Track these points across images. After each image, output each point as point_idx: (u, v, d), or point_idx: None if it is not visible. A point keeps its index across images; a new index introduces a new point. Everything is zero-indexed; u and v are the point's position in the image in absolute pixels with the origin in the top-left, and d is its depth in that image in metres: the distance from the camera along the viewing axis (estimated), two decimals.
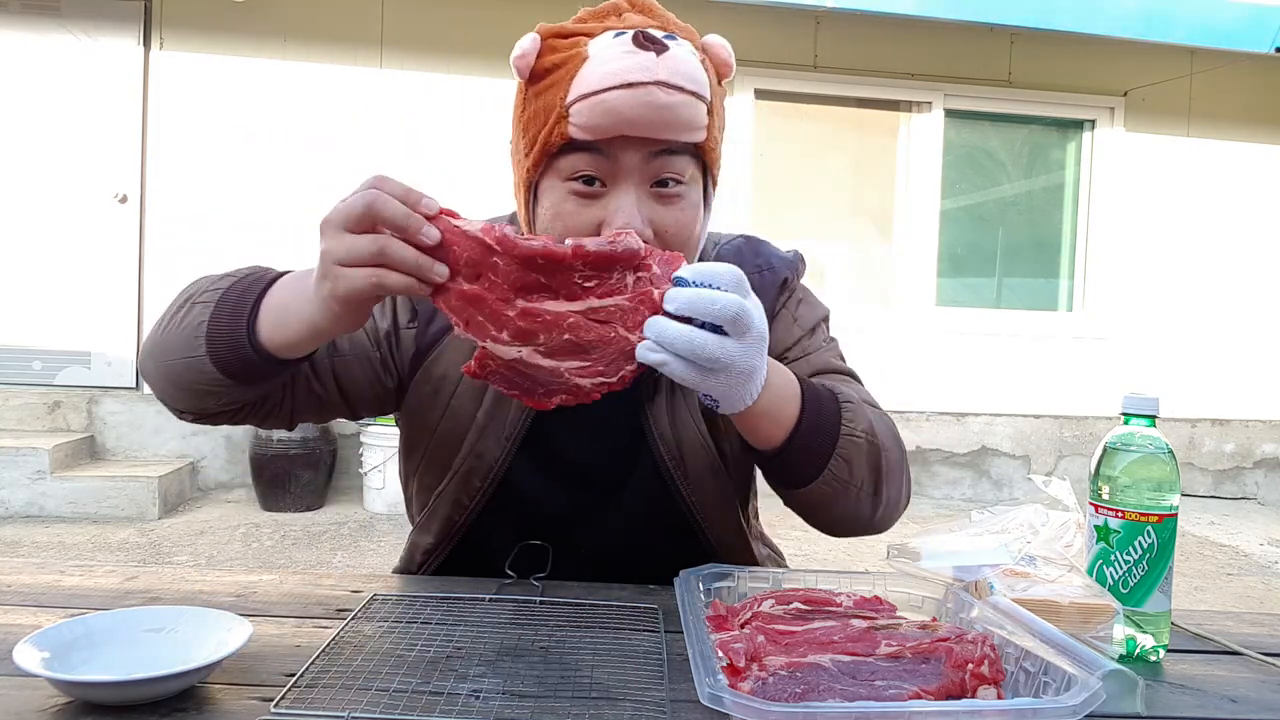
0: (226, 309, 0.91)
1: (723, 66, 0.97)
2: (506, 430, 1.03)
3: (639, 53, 0.87)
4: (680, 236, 0.93)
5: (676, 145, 0.90)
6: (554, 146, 0.90)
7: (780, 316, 1.09)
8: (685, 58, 0.89)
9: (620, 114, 0.87)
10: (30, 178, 4.74)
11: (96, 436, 4.77)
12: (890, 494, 0.96)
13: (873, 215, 5.65)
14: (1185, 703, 0.76)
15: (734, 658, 0.70)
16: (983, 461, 5.51)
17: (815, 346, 1.09)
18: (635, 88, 0.86)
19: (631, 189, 0.90)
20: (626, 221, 0.89)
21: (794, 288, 1.12)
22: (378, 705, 0.67)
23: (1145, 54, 5.44)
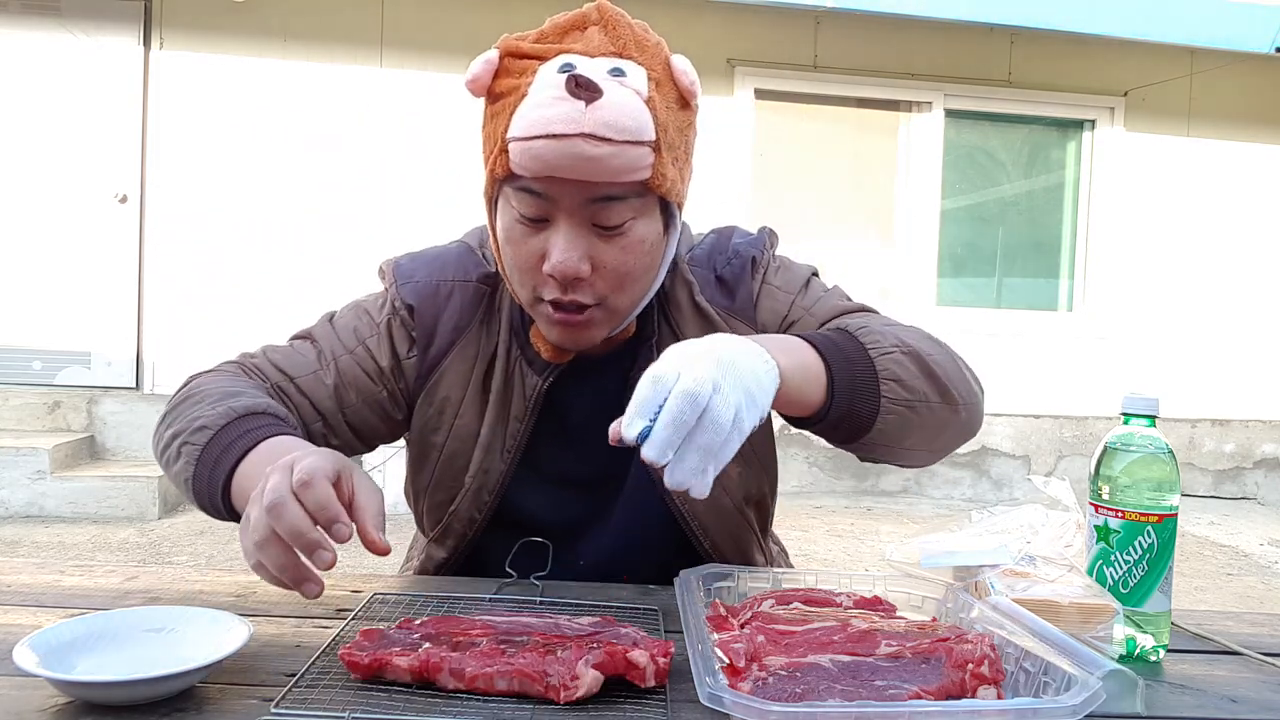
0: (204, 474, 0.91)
1: (685, 92, 0.97)
2: (506, 444, 1.05)
3: (568, 100, 0.86)
4: (619, 273, 0.94)
5: (617, 188, 0.90)
6: (500, 176, 0.92)
7: (763, 293, 1.08)
8: (619, 105, 0.87)
9: (546, 161, 0.87)
10: (30, 178, 4.75)
11: (96, 436, 4.77)
12: (961, 390, 0.93)
13: (873, 215, 5.65)
14: (1185, 703, 0.76)
15: (734, 658, 0.70)
16: (983, 461, 5.51)
17: (813, 300, 1.08)
18: (560, 139, 0.86)
19: (572, 226, 0.91)
20: (560, 259, 0.90)
21: (765, 263, 1.11)
22: (378, 705, 0.67)
23: (1145, 54, 5.44)
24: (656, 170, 0.91)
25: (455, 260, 1.10)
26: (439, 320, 1.06)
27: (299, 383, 1.05)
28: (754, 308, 1.07)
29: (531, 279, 0.95)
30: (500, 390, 1.06)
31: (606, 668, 0.69)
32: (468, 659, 0.70)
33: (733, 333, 1.00)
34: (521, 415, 1.05)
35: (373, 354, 1.06)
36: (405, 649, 0.72)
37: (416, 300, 1.07)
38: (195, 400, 0.97)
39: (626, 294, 0.97)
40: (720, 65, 5.24)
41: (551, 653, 0.71)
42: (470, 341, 1.07)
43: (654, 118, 0.90)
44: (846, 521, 4.81)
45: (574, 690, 0.67)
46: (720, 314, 1.06)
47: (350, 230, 4.90)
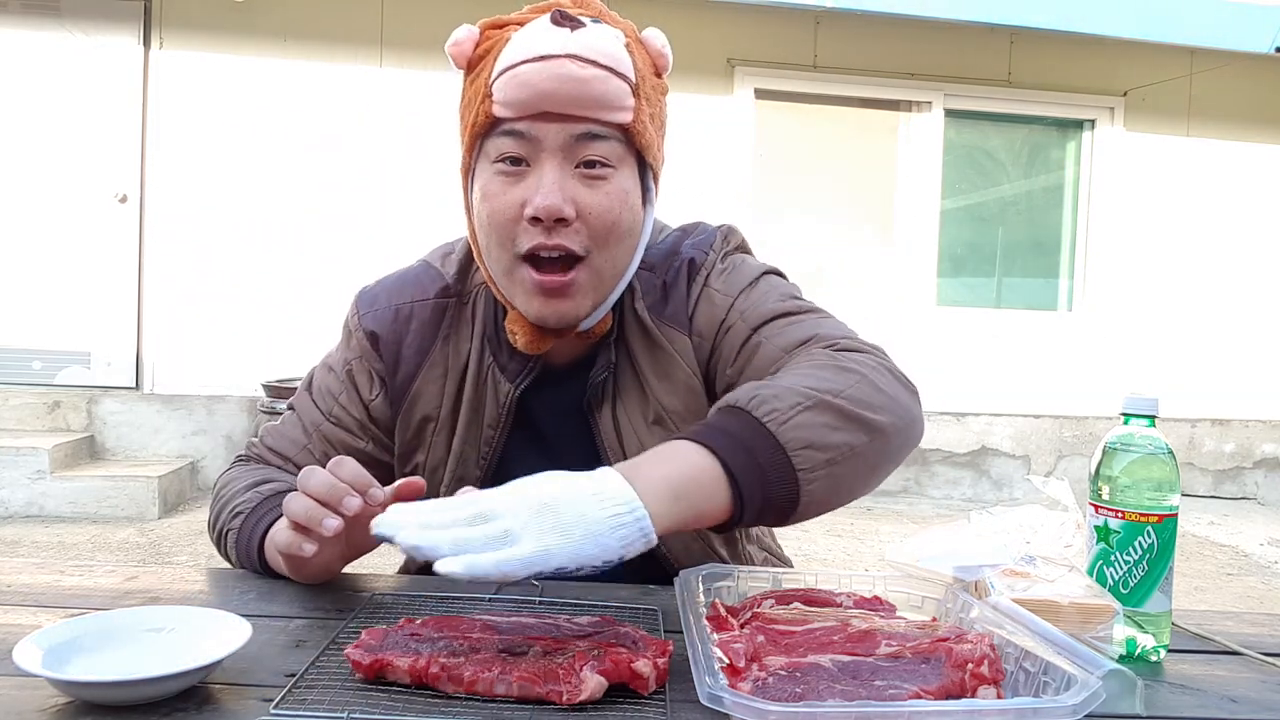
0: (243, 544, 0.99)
1: (658, 58, 0.98)
2: (481, 452, 1.06)
3: (553, 29, 0.90)
4: (604, 220, 0.94)
5: (600, 126, 0.92)
6: (481, 128, 0.93)
7: (702, 298, 1.04)
8: (602, 35, 0.91)
9: (534, 86, 0.89)
10: (30, 177, 4.75)
11: (96, 436, 4.77)
12: (885, 415, 0.84)
13: (873, 215, 5.65)
14: (1185, 703, 0.76)
15: (734, 658, 0.70)
16: (983, 461, 5.51)
17: (752, 302, 1.02)
18: (547, 60, 0.88)
19: (554, 168, 0.91)
20: (543, 198, 0.90)
21: (709, 265, 1.05)
22: (378, 705, 0.67)
23: (1145, 54, 5.44)
24: (637, 116, 0.93)
25: (414, 280, 1.11)
26: (402, 344, 1.07)
27: (295, 461, 1.08)
28: (689, 316, 1.04)
29: (511, 232, 0.93)
30: (472, 399, 1.06)
31: (610, 675, 0.69)
32: (467, 666, 0.70)
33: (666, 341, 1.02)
34: (495, 423, 1.05)
35: (348, 410, 1.09)
36: (406, 651, 0.72)
37: (378, 326, 1.08)
38: (228, 497, 1.05)
39: (610, 251, 0.96)
40: (720, 65, 5.24)
41: (551, 663, 0.71)
42: (437, 360, 1.07)
43: (633, 62, 0.93)
44: (846, 521, 4.81)
45: (576, 694, 0.67)
46: (655, 321, 1.04)
47: (350, 230, 4.90)
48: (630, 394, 1.04)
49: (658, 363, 1.04)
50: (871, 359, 0.90)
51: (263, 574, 0.98)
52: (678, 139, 5.65)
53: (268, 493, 1.00)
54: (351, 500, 0.80)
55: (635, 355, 1.04)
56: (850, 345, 0.93)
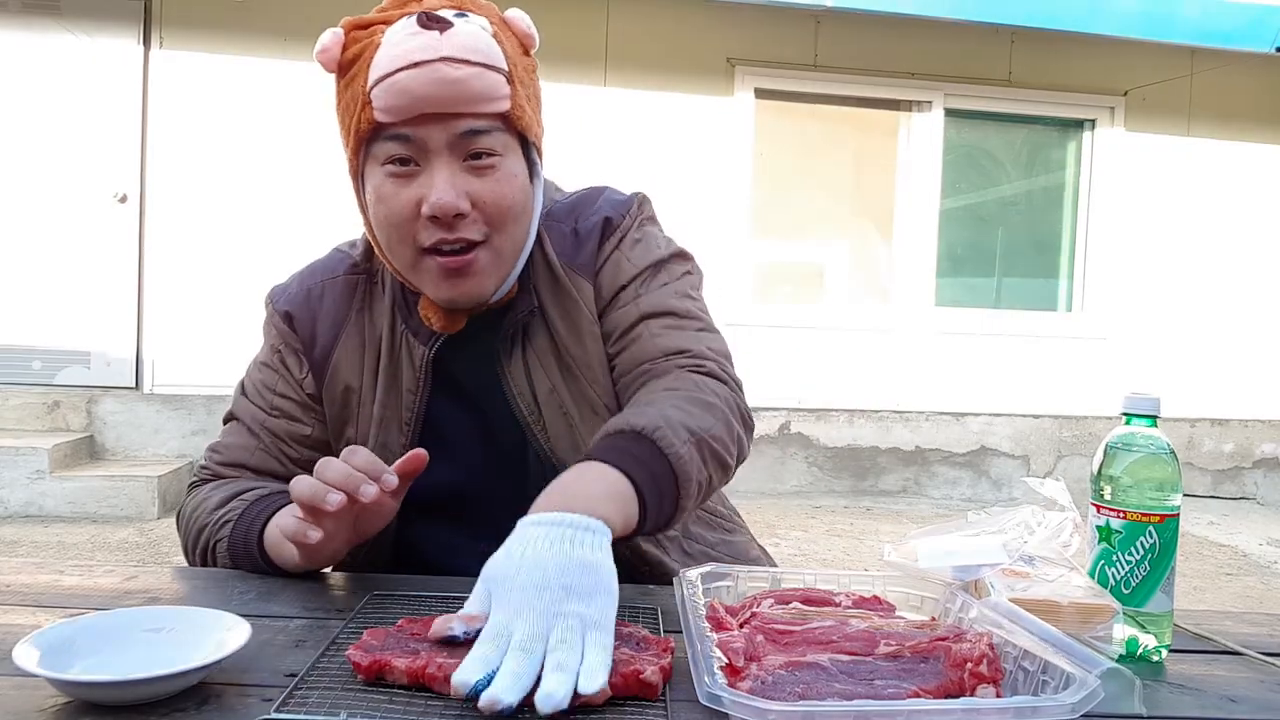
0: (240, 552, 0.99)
1: (524, 38, 1.00)
2: (403, 417, 1.07)
3: (423, 33, 0.91)
4: (499, 207, 0.97)
5: (481, 120, 0.94)
6: (365, 133, 0.95)
7: (611, 259, 1.08)
8: (471, 32, 0.92)
9: (412, 93, 0.91)
10: (30, 177, 4.74)
11: (96, 436, 4.77)
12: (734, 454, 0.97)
13: (872, 215, 5.66)
14: (1185, 702, 0.76)
15: (733, 657, 0.70)
16: (982, 461, 5.51)
17: (651, 288, 1.07)
18: (422, 66, 0.90)
19: (444, 165, 0.94)
20: (439, 197, 0.92)
21: (623, 227, 1.09)
22: (378, 706, 0.67)
23: (1145, 54, 5.44)
24: (515, 102, 0.96)
25: (322, 265, 1.16)
26: (316, 320, 1.10)
27: (251, 465, 1.09)
28: (595, 270, 1.08)
29: (410, 230, 0.96)
30: (388, 365, 1.07)
31: (619, 688, 0.69)
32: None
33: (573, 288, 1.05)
34: (414, 387, 1.06)
35: (286, 396, 1.10)
36: (405, 652, 0.72)
37: (291, 307, 1.11)
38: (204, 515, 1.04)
39: (508, 232, 0.99)
40: (720, 65, 5.24)
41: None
42: (353, 332, 1.10)
43: (503, 51, 0.95)
44: (846, 521, 4.81)
45: (577, 696, 0.67)
46: (564, 268, 1.07)
47: (350, 230, 4.88)
48: (539, 339, 1.07)
49: (565, 309, 1.07)
50: (729, 395, 0.99)
51: (263, 570, 0.98)
52: (678, 139, 5.64)
53: (253, 498, 1.01)
54: (368, 488, 0.83)
55: (544, 302, 1.07)
56: (714, 372, 1.00)
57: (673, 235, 1.16)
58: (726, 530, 1.22)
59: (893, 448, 5.42)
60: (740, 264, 5.28)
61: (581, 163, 4.34)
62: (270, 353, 1.13)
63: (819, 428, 5.36)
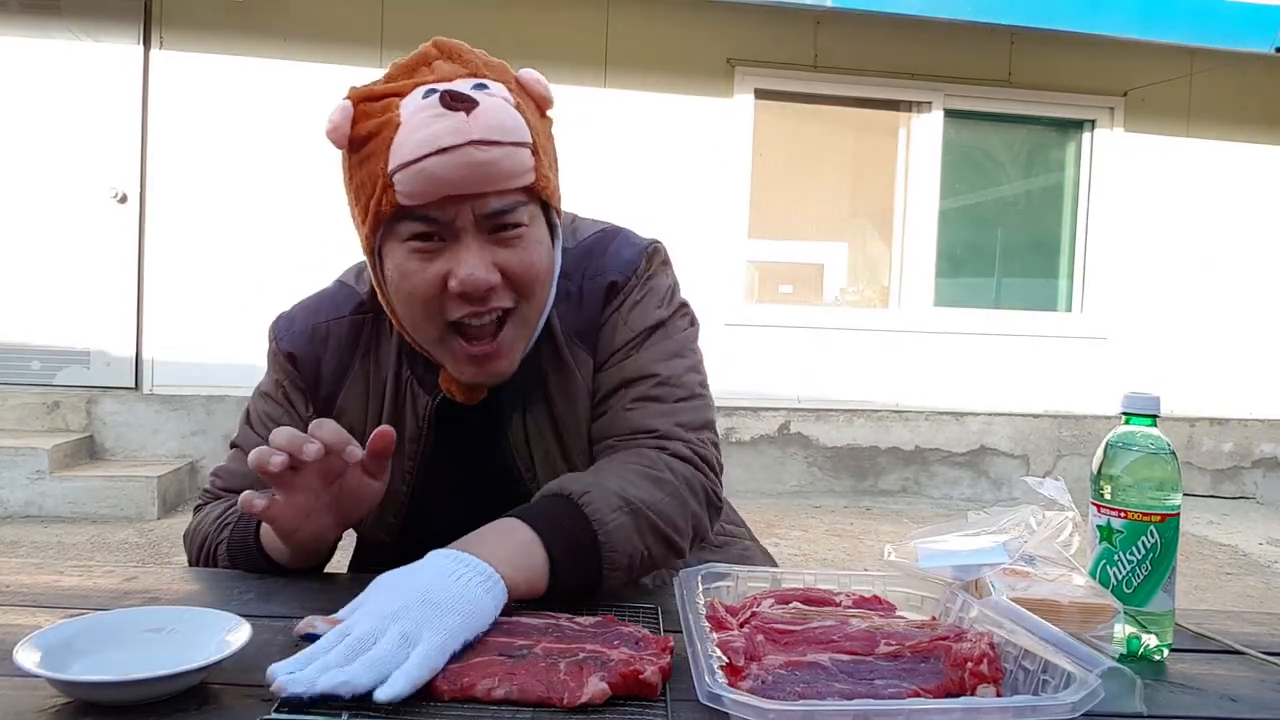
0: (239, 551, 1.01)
1: (541, 100, 0.98)
2: (405, 466, 1.06)
3: (448, 114, 0.88)
4: (528, 275, 0.96)
5: (507, 195, 0.92)
6: (386, 215, 0.92)
7: (610, 322, 1.06)
8: (496, 108, 0.90)
9: (441, 179, 0.88)
10: (30, 177, 4.74)
11: (95, 436, 4.76)
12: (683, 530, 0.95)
13: (872, 215, 5.66)
14: (1185, 702, 0.76)
15: (733, 657, 0.70)
16: (981, 461, 5.51)
17: (640, 352, 1.05)
18: (450, 151, 0.87)
19: (472, 240, 0.92)
20: (469, 272, 0.91)
21: (628, 290, 1.07)
22: (377, 707, 0.67)
23: (1145, 54, 5.44)
24: (539, 173, 0.94)
25: (329, 300, 1.13)
26: (321, 363, 1.08)
27: None
28: (595, 335, 1.06)
29: (437, 305, 0.94)
30: (392, 412, 1.06)
31: (619, 688, 0.69)
32: (466, 671, 0.70)
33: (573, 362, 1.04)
34: (416, 437, 1.05)
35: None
36: None
37: (295, 348, 1.09)
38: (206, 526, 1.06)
39: (535, 300, 0.99)
40: (720, 65, 5.24)
41: (555, 667, 0.71)
42: (358, 377, 1.08)
43: (526, 121, 0.92)
44: (846, 521, 4.81)
45: (576, 697, 0.67)
46: (567, 340, 1.06)
47: (350, 230, 4.88)
48: (536, 405, 1.06)
49: (563, 381, 1.06)
50: (690, 473, 0.97)
51: (263, 569, 0.98)
52: (678, 139, 5.63)
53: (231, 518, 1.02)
54: (310, 447, 0.83)
55: (545, 371, 1.06)
56: (679, 452, 0.99)
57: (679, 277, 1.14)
58: (728, 535, 1.22)
59: (892, 447, 5.42)
60: (740, 264, 5.28)
61: (581, 164, 4.34)
62: (274, 386, 1.12)
63: (818, 427, 5.36)
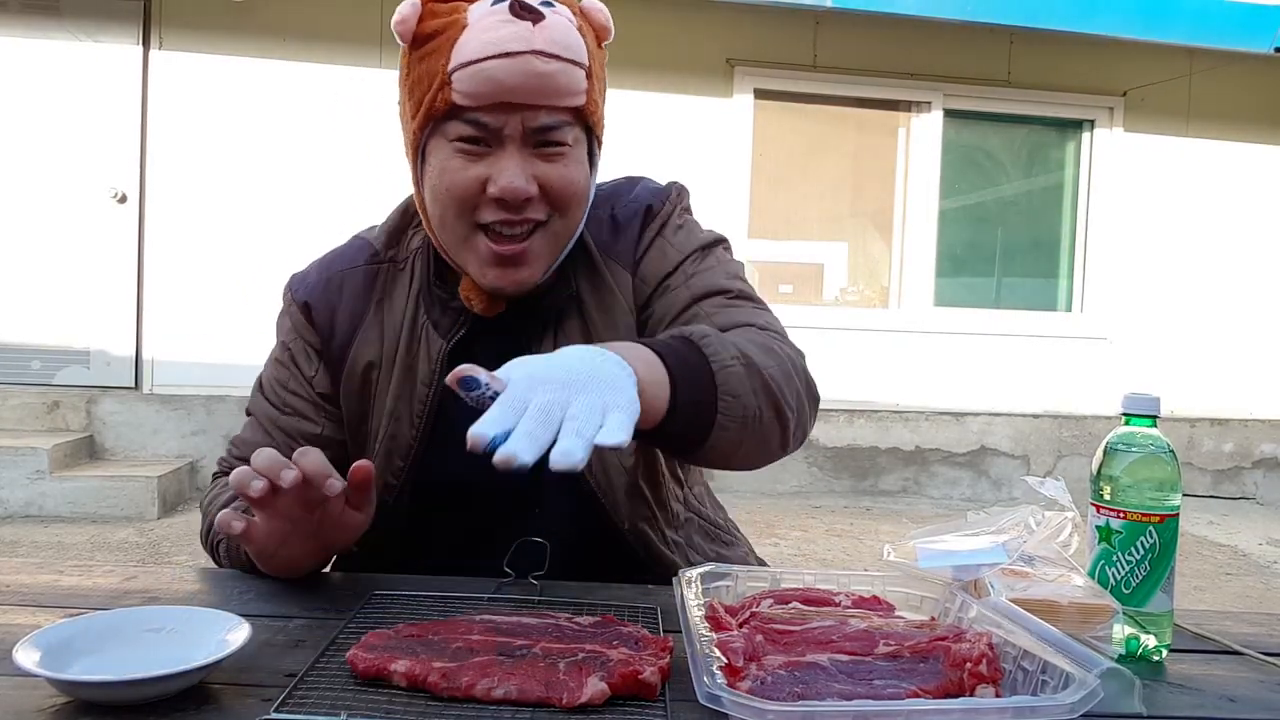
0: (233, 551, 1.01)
1: (601, 30, 1.00)
2: (415, 409, 1.05)
3: (515, 22, 0.90)
4: (566, 192, 0.97)
5: (556, 112, 0.94)
6: (439, 112, 0.94)
7: (654, 245, 1.08)
8: (561, 26, 0.92)
9: (499, 82, 0.91)
10: (30, 177, 4.74)
11: (95, 436, 4.76)
12: (792, 404, 0.91)
13: (872, 215, 5.66)
14: (1184, 702, 0.76)
15: (732, 657, 0.70)
16: (982, 461, 5.51)
17: (700, 270, 1.06)
18: (513, 57, 0.90)
19: (516, 150, 0.94)
20: (509, 180, 0.93)
21: (664, 214, 1.09)
22: (378, 706, 0.67)
23: (1144, 54, 5.44)
24: (590, 97, 0.96)
25: (341, 253, 1.14)
26: (336, 311, 1.09)
27: None
28: (637, 258, 1.07)
29: (471, 205, 0.96)
30: (405, 357, 1.06)
31: (618, 688, 0.69)
32: (465, 670, 0.70)
33: (610, 276, 1.05)
34: (428, 380, 1.05)
35: (297, 394, 1.10)
36: (405, 654, 0.72)
37: (310, 297, 1.10)
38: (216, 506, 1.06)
39: (569, 216, 1.00)
40: (720, 65, 5.24)
41: (554, 667, 0.71)
42: (372, 324, 1.08)
43: (585, 45, 0.95)
44: (845, 521, 4.81)
45: (576, 697, 0.67)
46: (603, 256, 1.07)
47: (350, 230, 4.88)
48: (570, 325, 1.06)
49: (601, 298, 1.06)
50: (797, 358, 0.97)
51: (254, 571, 0.98)
52: (677, 139, 5.63)
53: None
54: (288, 473, 0.82)
55: (580, 289, 1.06)
56: (778, 340, 0.98)
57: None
58: (724, 543, 1.22)
59: (892, 448, 5.42)
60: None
61: None
62: (282, 349, 1.13)
63: (818, 428, 5.35)
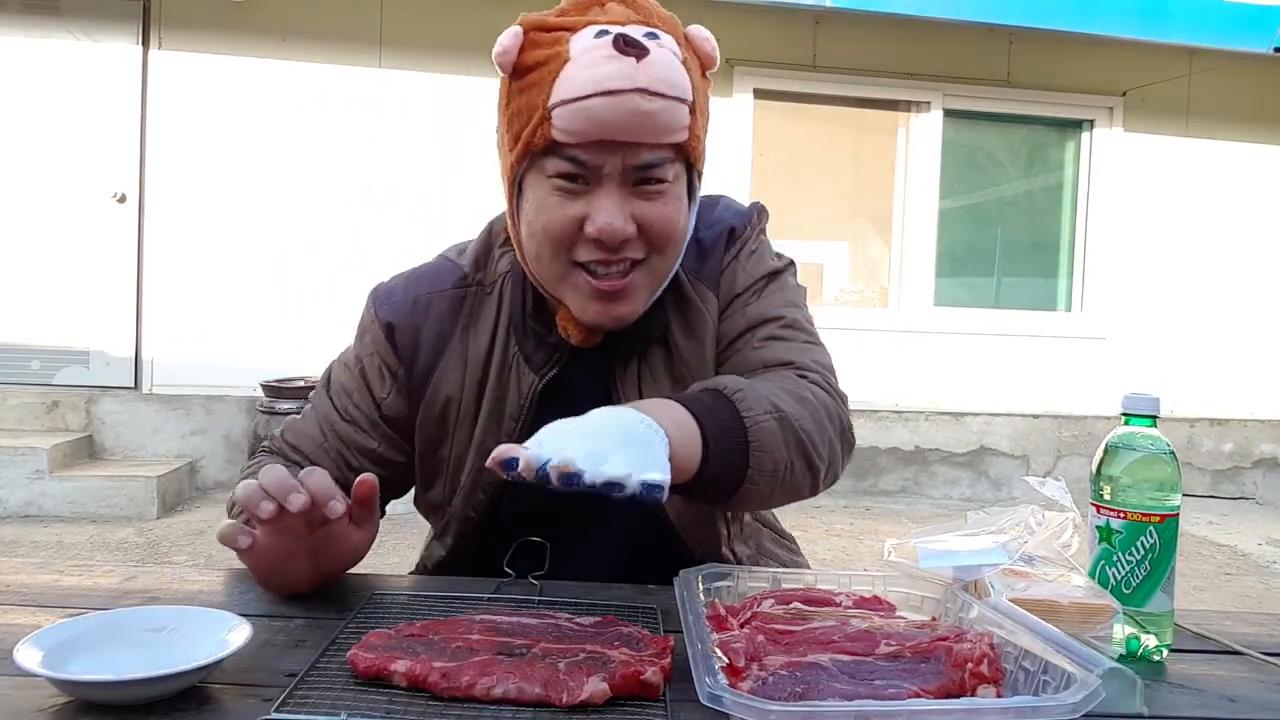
0: None
1: (706, 59, 0.98)
2: (502, 440, 1.03)
3: (619, 58, 0.88)
4: (664, 231, 0.96)
5: (658, 150, 0.92)
6: (537, 147, 0.92)
7: (729, 268, 1.09)
8: (666, 61, 0.90)
9: (601, 121, 0.88)
10: (29, 177, 4.74)
11: (95, 436, 4.76)
12: (823, 454, 0.92)
13: (872, 215, 5.65)
14: (1185, 702, 0.76)
15: (733, 657, 0.70)
16: (981, 461, 5.51)
17: (761, 297, 1.08)
18: (616, 95, 0.87)
19: (615, 189, 0.92)
20: (608, 220, 0.91)
21: (745, 237, 1.10)
22: (378, 706, 0.67)
23: (1144, 53, 5.44)
24: (692, 133, 0.94)
25: (430, 273, 1.12)
26: (420, 333, 1.07)
27: (311, 458, 1.08)
28: (718, 278, 1.08)
29: (568, 244, 0.95)
30: (495, 389, 1.05)
31: (619, 689, 0.69)
32: (465, 670, 0.70)
33: (698, 299, 1.05)
34: (517, 414, 1.04)
35: (360, 408, 1.09)
36: (405, 654, 0.72)
37: (395, 318, 1.08)
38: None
39: (668, 255, 0.99)
40: (720, 65, 5.23)
41: (554, 667, 0.71)
42: (457, 349, 1.07)
43: (689, 80, 0.93)
44: (845, 521, 4.81)
45: (575, 695, 0.67)
46: (690, 280, 1.07)
47: (349, 230, 4.89)
48: (655, 351, 1.06)
49: (688, 320, 1.06)
50: (831, 403, 0.97)
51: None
52: None
53: None
54: (296, 496, 0.81)
55: (667, 316, 1.06)
56: (817, 381, 0.98)
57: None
58: (791, 550, 1.23)
59: (892, 448, 5.42)
60: None
61: None
62: (356, 361, 1.11)
63: None
